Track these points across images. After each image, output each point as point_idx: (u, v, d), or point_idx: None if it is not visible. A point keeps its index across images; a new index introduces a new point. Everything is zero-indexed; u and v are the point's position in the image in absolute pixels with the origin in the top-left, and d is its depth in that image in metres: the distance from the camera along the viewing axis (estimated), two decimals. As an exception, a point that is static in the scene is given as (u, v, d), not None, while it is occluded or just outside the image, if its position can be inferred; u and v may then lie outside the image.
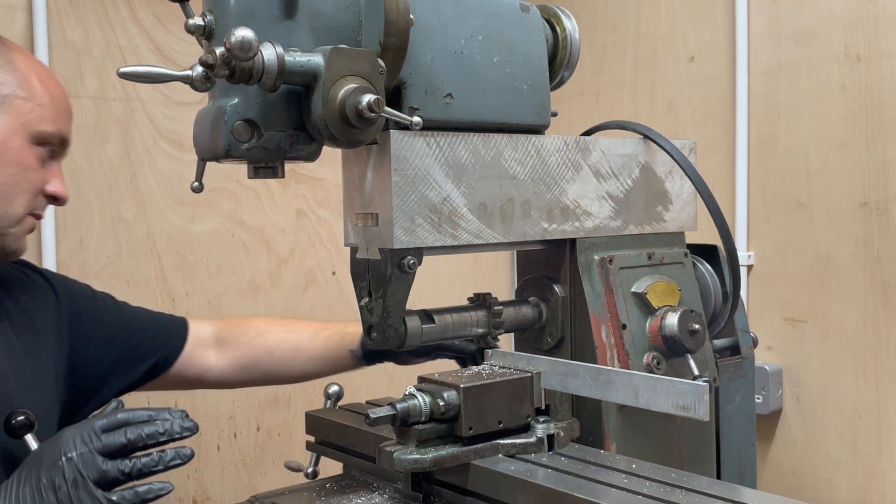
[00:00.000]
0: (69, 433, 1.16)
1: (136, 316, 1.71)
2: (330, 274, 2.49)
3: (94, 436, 1.14)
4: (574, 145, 1.46)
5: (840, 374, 2.21)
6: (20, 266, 1.59)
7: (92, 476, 1.11)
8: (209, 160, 1.20)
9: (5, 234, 1.39)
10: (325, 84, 1.13)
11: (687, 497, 1.12)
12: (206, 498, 2.28)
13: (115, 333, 1.64)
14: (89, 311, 1.63)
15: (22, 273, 1.58)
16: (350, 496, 1.40)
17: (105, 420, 1.16)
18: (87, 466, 1.12)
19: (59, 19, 2.01)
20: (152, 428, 1.16)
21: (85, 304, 1.63)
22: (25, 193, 1.40)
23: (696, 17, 2.49)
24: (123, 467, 1.13)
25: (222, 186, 2.29)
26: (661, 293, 1.49)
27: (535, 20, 1.44)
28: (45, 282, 1.59)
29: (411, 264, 1.28)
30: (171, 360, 1.71)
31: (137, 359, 1.67)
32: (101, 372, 1.63)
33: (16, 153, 1.38)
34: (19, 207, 1.39)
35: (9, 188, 1.38)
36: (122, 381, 1.67)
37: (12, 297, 1.52)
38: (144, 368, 1.68)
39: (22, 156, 1.38)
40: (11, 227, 1.40)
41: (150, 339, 1.69)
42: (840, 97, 2.18)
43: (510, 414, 1.29)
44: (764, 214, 2.35)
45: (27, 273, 1.59)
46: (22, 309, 1.52)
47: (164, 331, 1.72)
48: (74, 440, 1.14)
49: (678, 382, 1.15)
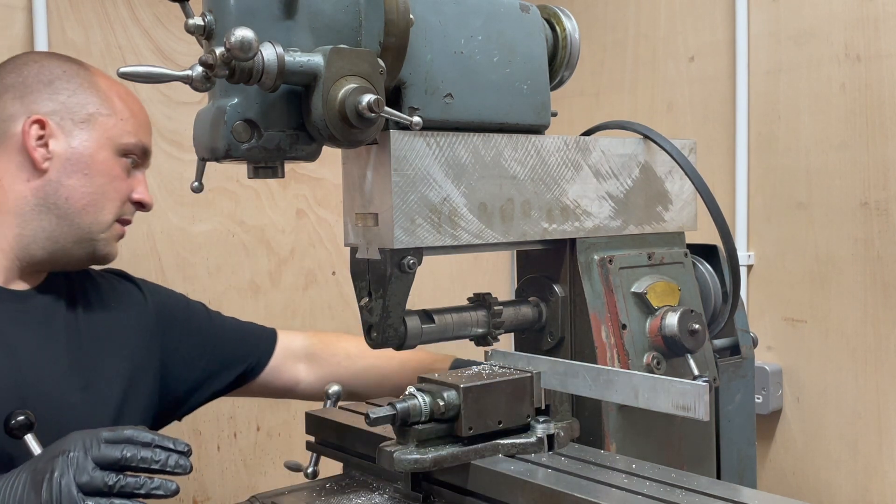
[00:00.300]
0: (77, 434, 1.21)
1: (227, 325, 1.82)
2: (330, 274, 2.49)
3: (95, 443, 1.18)
4: (574, 145, 1.46)
5: (840, 374, 2.21)
6: (114, 275, 1.72)
7: (78, 479, 1.15)
8: (209, 160, 1.21)
9: (96, 239, 1.55)
10: (325, 84, 1.13)
11: (687, 497, 1.12)
12: (206, 498, 2.28)
13: (205, 342, 1.76)
14: (180, 320, 1.74)
15: (116, 282, 1.71)
16: (350, 496, 1.40)
17: (111, 432, 1.20)
18: (78, 469, 1.15)
19: (59, 19, 2.01)
20: (148, 453, 1.20)
21: (176, 314, 1.75)
22: (113, 201, 1.55)
23: (696, 17, 2.49)
24: (108, 480, 1.16)
25: (222, 186, 2.29)
26: (661, 293, 1.49)
27: (535, 20, 1.44)
28: (137, 291, 1.72)
29: (411, 264, 1.28)
30: (259, 370, 1.80)
31: (226, 366, 1.77)
32: (192, 378, 1.74)
33: (103, 165, 1.53)
34: (108, 214, 1.55)
35: (98, 196, 1.53)
36: (212, 387, 1.77)
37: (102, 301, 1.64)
38: (233, 376, 1.78)
39: (109, 167, 1.54)
40: (102, 233, 1.55)
41: (240, 347, 1.79)
42: (840, 97, 2.18)
43: (510, 414, 1.29)
44: (764, 214, 2.35)
45: (120, 282, 1.71)
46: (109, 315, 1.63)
47: (253, 340, 1.82)
48: (77, 442, 1.18)
49: (678, 382, 1.15)
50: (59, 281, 1.60)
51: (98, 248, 1.55)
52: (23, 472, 1.19)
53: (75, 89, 1.54)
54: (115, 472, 1.16)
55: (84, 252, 1.55)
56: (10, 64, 1.56)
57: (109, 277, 1.71)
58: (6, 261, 1.51)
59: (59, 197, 1.51)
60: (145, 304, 1.70)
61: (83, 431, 1.22)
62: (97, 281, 1.67)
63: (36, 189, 1.50)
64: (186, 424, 2.22)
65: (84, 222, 1.52)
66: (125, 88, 1.61)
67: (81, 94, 1.54)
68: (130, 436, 1.20)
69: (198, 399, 1.77)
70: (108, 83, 1.59)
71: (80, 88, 1.54)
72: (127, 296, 1.69)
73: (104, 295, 1.66)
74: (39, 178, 1.50)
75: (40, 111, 1.50)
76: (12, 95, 1.51)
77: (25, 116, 1.49)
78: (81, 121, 1.53)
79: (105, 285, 1.68)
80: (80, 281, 1.64)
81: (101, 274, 1.70)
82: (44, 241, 1.51)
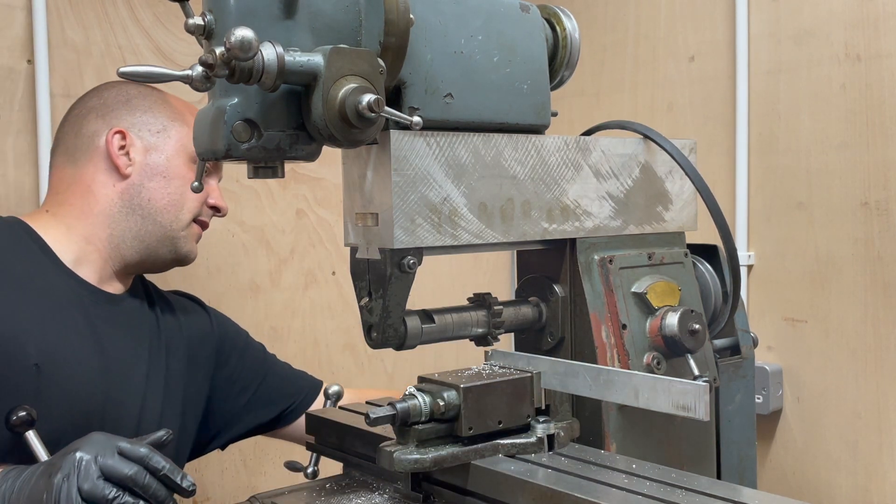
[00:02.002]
0: (97, 436, 1.24)
1: (279, 365, 1.94)
2: (330, 274, 2.49)
3: (109, 451, 1.20)
4: (574, 145, 1.46)
5: (840, 374, 2.21)
6: (187, 299, 1.86)
7: (80, 483, 1.16)
8: (209, 160, 1.21)
9: (177, 237, 1.69)
10: (325, 84, 1.13)
11: (687, 497, 1.12)
12: (206, 498, 2.28)
13: (255, 375, 1.87)
14: (238, 352, 1.87)
15: (188, 304, 1.84)
16: (350, 496, 1.40)
17: (128, 444, 1.22)
18: (83, 474, 1.17)
19: (58, 19, 2.00)
20: (153, 482, 1.20)
21: (236, 345, 1.87)
22: (191, 202, 1.70)
23: (696, 17, 2.49)
24: (108, 493, 1.17)
25: (222, 186, 2.28)
26: (661, 293, 1.49)
27: (535, 20, 1.44)
28: (206, 316, 1.85)
29: (411, 264, 1.28)
30: (298, 413, 1.88)
31: (269, 403, 1.87)
32: (237, 407, 1.85)
33: (179, 169, 1.68)
34: (187, 213, 1.70)
35: (177, 197, 1.68)
36: (252, 421, 1.87)
37: (177, 320, 1.77)
38: (272, 414, 1.87)
39: (184, 171, 1.69)
40: (182, 231, 1.69)
41: (285, 387, 1.90)
42: (840, 97, 2.18)
43: (510, 414, 1.29)
44: (764, 214, 2.35)
45: (192, 305, 1.85)
46: (182, 335, 1.75)
47: (299, 384, 1.92)
48: (93, 445, 1.20)
49: (678, 382, 1.15)
50: (140, 293, 1.74)
51: (179, 246, 1.69)
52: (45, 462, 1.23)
53: (150, 105, 1.69)
54: (118, 487, 1.17)
55: (167, 250, 1.69)
56: (93, 91, 1.72)
57: (182, 300, 1.84)
58: (101, 261, 1.64)
59: (143, 198, 1.65)
60: (212, 330, 1.83)
61: (104, 435, 1.24)
62: (168, 298, 1.80)
63: (122, 192, 1.64)
64: (186, 424, 2.22)
65: (165, 220, 1.67)
66: (192, 106, 1.76)
67: (156, 109, 1.70)
68: (145, 455, 1.21)
69: (237, 431, 1.87)
70: (180, 102, 1.75)
71: (154, 104, 1.70)
72: (197, 319, 1.82)
73: (178, 313, 1.78)
74: (124, 182, 1.65)
75: (120, 125, 1.66)
76: (95, 115, 1.67)
77: (107, 129, 1.65)
78: (157, 131, 1.68)
79: (178, 305, 1.80)
80: (158, 295, 1.77)
81: (174, 295, 1.84)
82: (132, 241, 1.65)
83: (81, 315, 1.57)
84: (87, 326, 1.57)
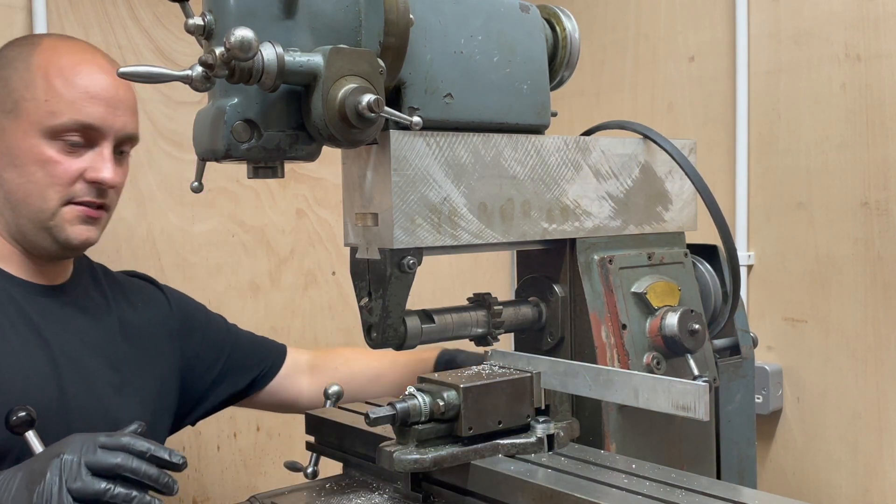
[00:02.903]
0: (76, 437, 1.21)
1: (242, 335, 1.89)
2: (330, 274, 2.49)
3: (91, 447, 1.18)
4: (574, 145, 1.46)
5: (840, 374, 2.21)
6: (139, 279, 1.77)
7: (70, 484, 1.15)
8: (209, 160, 1.21)
9: (48, 226, 1.49)
10: (325, 84, 1.13)
11: (687, 497, 1.12)
12: (206, 498, 2.28)
13: (222, 347, 1.81)
14: (201, 327, 1.80)
15: (141, 284, 1.75)
16: (350, 496, 1.40)
17: (108, 437, 1.20)
18: (70, 473, 1.15)
19: (58, 19, 2.00)
20: (142, 465, 1.19)
21: (197, 320, 1.81)
22: (54, 186, 1.48)
23: (696, 17, 2.49)
24: (98, 486, 1.15)
25: (222, 186, 2.28)
26: (661, 293, 1.49)
27: (535, 20, 1.44)
28: (162, 295, 1.77)
29: (411, 264, 1.28)
30: (268, 379, 1.85)
31: (239, 371, 1.83)
32: (208, 382, 1.79)
33: (31, 153, 1.47)
34: (51, 201, 1.48)
35: (32, 186, 1.48)
36: (224, 392, 1.82)
37: (131, 303, 1.68)
38: (245, 382, 1.83)
39: (38, 154, 1.47)
40: (50, 220, 1.49)
41: (253, 355, 1.86)
42: (840, 97, 2.18)
43: (510, 414, 1.29)
44: (764, 214, 2.35)
45: (146, 285, 1.76)
46: (138, 317, 1.67)
47: (266, 350, 1.88)
48: (74, 445, 1.18)
49: (678, 382, 1.15)
50: (85, 278, 1.62)
51: (56, 234, 1.50)
52: (19, 472, 1.19)
53: (9, 77, 1.49)
54: (108, 480, 1.16)
55: (47, 241, 1.51)
56: None
57: (135, 280, 1.76)
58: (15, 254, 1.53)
59: (4, 191, 1.50)
60: (170, 308, 1.76)
61: (82, 434, 1.21)
62: (120, 280, 1.71)
63: None
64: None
65: (31, 211, 1.49)
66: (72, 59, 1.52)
67: (13, 82, 1.49)
68: (127, 443, 1.19)
69: (212, 402, 1.82)
70: (46, 58, 1.50)
71: (13, 76, 1.49)
72: (154, 299, 1.74)
73: (131, 296, 1.70)
74: None
75: None
76: None
77: None
78: (9, 111, 1.48)
79: (131, 287, 1.72)
80: (108, 281, 1.67)
81: (126, 276, 1.75)
82: (16, 234, 1.52)
83: (15, 311, 1.48)
84: (24, 323, 1.48)
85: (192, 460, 2.22)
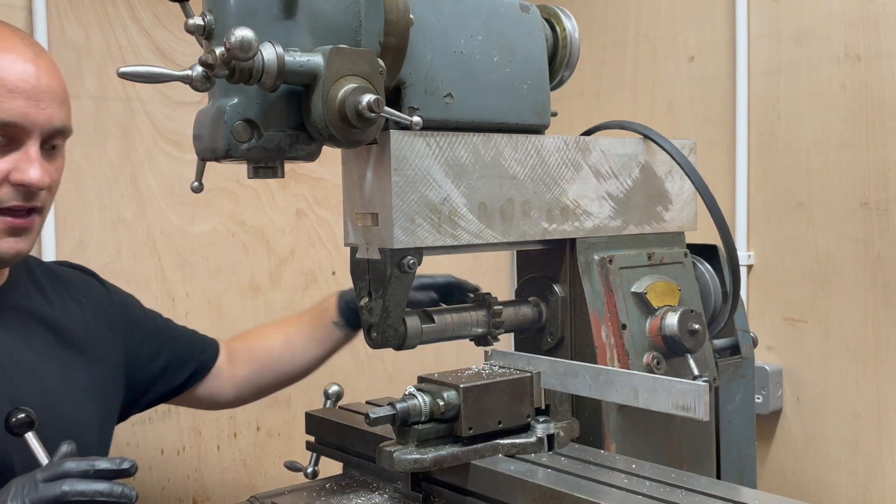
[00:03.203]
0: (13, 482, 1.18)
1: (179, 328, 1.83)
2: (330, 274, 2.49)
3: (32, 487, 1.15)
4: (574, 145, 1.46)
5: (840, 374, 2.21)
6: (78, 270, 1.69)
7: None
8: (209, 160, 1.21)
9: None
10: (325, 84, 1.13)
11: (687, 497, 1.12)
12: (206, 498, 2.28)
13: (163, 340, 1.75)
14: (140, 320, 1.73)
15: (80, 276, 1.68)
16: (350, 496, 1.40)
17: (47, 472, 1.17)
18: None
19: (58, 19, 2.00)
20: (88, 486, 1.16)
21: (136, 313, 1.74)
22: None
23: (696, 17, 2.49)
24: None
25: (222, 186, 2.28)
26: (661, 293, 1.49)
27: (535, 20, 1.44)
28: (101, 288, 1.69)
29: (411, 264, 1.28)
30: (204, 373, 1.80)
31: (180, 365, 1.77)
32: (150, 376, 1.73)
33: None
34: None
35: None
36: (165, 385, 1.76)
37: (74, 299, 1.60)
38: (185, 375, 1.77)
39: None
40: None
41: (191, 348, 1.80)
42: (840, 97, 2.18)
43: (510, 414, 1.29)
44: (764, 214, 2.35)
45: (85, 278, 1.68)
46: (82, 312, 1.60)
47: (201, 345, 1.83)
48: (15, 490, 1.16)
49: (678, 382, 1.15)
50: (23, 278, 1.52)
51: None
52: None
53: None
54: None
55: None
56: None
57: (75, 273, 1.66)
58: None
59: None
60: (110, 301, 1.67)
61: (19, 477, 1.18)
62: (61, 275, 1.61)
63: None
64: (186, 424, 2.22)
65: None
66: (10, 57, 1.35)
67: None
68: (67, 469, 1.16)
69: (152, 397, 1.74)
70: None
71: None
72: (93, 292, 1.65)
73: (72, 289, 1.60)
74: None
75: None
76: None
77: None
78: None
79: (72, 280, 1.63)
80: (47, 278, 1.58)
81: (66, 269, 1.65)
82: None
83: None
84: None
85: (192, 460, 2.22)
